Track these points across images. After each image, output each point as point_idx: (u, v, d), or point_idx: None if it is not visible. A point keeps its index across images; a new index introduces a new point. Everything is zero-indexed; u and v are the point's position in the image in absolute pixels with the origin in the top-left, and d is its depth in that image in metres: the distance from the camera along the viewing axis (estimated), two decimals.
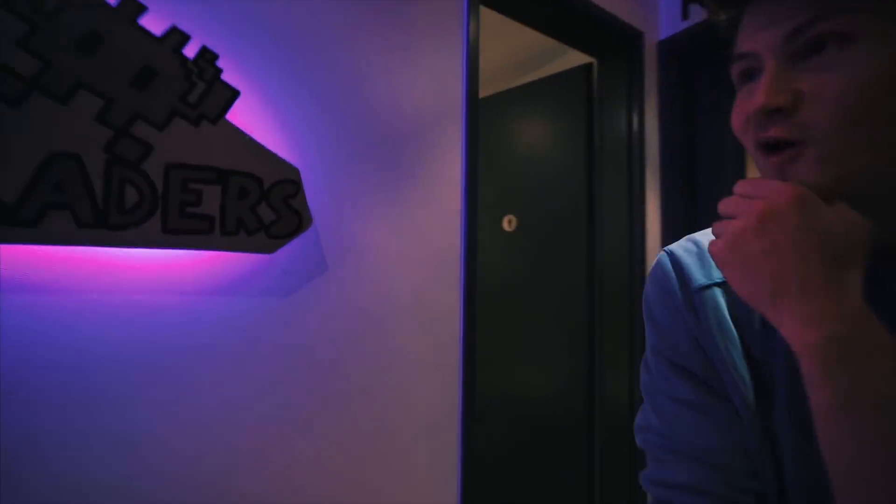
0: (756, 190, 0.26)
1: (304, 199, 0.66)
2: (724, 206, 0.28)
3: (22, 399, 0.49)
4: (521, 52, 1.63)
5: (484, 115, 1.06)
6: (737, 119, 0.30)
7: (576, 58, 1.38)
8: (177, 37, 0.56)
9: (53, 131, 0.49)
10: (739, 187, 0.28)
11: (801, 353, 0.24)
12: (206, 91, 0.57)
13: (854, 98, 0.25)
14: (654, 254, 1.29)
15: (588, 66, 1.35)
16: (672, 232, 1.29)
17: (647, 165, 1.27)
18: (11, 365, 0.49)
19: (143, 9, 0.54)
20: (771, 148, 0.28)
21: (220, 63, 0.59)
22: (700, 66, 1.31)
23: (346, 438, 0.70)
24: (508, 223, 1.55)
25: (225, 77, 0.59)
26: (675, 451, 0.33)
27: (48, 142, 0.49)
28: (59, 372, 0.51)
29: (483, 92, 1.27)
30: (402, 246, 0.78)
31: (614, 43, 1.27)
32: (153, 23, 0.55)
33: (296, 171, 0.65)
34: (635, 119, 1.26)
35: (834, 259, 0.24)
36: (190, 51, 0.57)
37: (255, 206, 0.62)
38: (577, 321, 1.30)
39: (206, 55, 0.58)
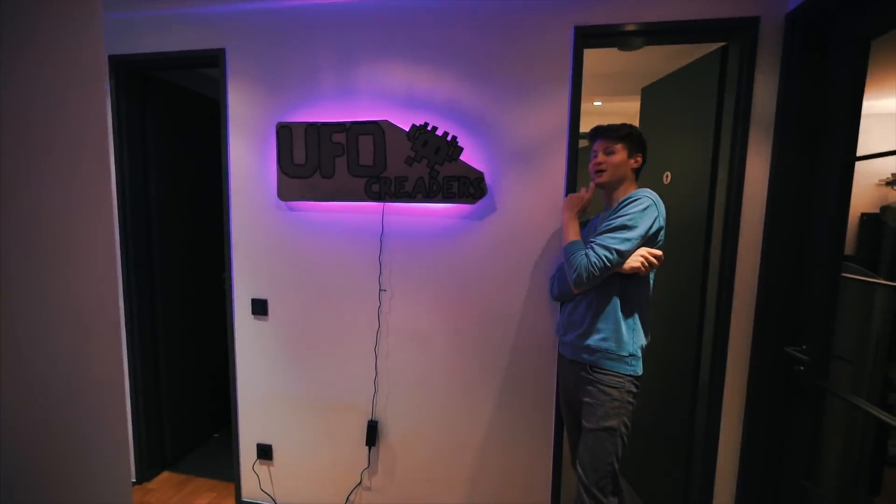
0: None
1: (485, 183, 1.75)
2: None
3: (389, 247, 1.88)
4: None
5: (651, 99, 1.82)
6: (590, 163, 1.47)
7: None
8: (447, 134, 1.75)
9: (419, 172, 1.79)
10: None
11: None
12: (453, 151, 1.75)
13: (613, 165, 1.40)
14: (754, 202, 1.62)
15: (721, 49, 1.70)
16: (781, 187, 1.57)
17: (755, 126, 1.58)
18: (389, 237, 1.87)
19: (435, 129, 1.74)
20: (597, 172, 1.42)
21: (457, 137, 1.74)
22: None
23: (500, 285, 1.82)
24: (666, 178, 2.09)
25: (459, 142, 1.74)
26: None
27: (417, 173, 1.79)
28: (402, 240, 1.87)
29: (652, 79, 1.99)
30: (527, 203, 1.77)
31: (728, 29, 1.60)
32: (436, 127, 1.75)
33: (482, 173, 1.75)
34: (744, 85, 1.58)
35: (577, 212, 1.42)
36: (449, 136, 1.74)
37: (468, 187, 1.77)
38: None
39: (454, 139, 1.74)
